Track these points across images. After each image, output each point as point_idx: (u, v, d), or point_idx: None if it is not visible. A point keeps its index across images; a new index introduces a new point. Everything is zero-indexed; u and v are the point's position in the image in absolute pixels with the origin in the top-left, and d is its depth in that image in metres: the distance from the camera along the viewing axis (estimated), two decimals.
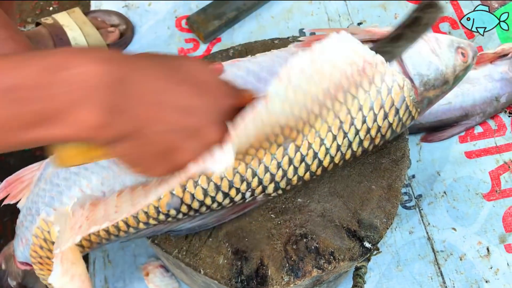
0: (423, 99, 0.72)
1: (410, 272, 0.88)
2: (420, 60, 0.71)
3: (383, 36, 0.71)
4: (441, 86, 0.72)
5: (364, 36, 0.71)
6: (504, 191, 0.94)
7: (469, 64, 0.75)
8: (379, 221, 0.71)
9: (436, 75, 0.71)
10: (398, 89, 0.68)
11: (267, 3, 1.17)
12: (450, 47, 0.73)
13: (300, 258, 0.68)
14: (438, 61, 0.71)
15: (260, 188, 0.67)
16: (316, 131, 0.65)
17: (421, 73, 0.70)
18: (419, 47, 0.71)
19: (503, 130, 0.99)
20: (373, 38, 0.71)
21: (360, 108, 0.66)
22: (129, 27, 1.14)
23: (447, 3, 1.15)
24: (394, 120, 0.70)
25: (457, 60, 0.73)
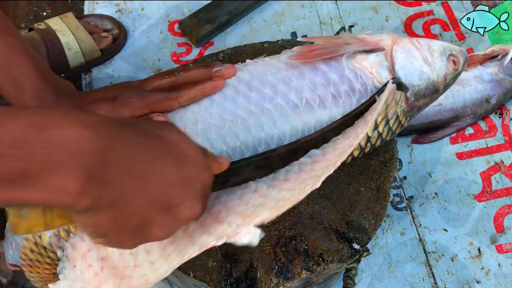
0: (413, 108, 0.72)
1: (401, 273, 0.89)
2: (412, 71, 0.71)
3: (376, 46, 0.72)
4: (431, 95, 0.73)
5: (358, 47, 0.72)
6: (495, 192, 0.94)
7: (459, 72, 0.76)
8: (368, 222, 0.71)
9: (427, 85, 0.72)
10: (394, 104, 0.69)
11: (259, 7, 1.17)
12: (442, 55, 0.73)
13: (289, 260, 0.69)
14: (430, 72, 0.72)
15: None
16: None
17: (413, 84, 0.71)
18: (412, 56, 0.71)
19: (493, 131, 1.00)
20: (366, 48, 0.72)
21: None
22: (122, 32, 1.14)
23: (438, 5, 1.15)
24: (384, 130, 0.71)
25: (448, 69, 0.73)
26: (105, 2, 1.20)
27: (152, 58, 1.13)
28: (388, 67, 0.71)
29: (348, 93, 0.70)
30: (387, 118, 0.70)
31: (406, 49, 0.72)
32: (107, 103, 0.67)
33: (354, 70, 0.71)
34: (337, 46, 0.71)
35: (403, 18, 1.14)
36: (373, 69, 0.71)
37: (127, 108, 0.67)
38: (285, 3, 1.18)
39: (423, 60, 0.72)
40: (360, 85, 0.71)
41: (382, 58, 0.72)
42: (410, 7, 1.16)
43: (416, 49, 0.72)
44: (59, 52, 1.05)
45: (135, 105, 0.67)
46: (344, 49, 0.71)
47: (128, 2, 1.20)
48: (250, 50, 0.86)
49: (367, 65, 0.71)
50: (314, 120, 0.69)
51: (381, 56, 0.72)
